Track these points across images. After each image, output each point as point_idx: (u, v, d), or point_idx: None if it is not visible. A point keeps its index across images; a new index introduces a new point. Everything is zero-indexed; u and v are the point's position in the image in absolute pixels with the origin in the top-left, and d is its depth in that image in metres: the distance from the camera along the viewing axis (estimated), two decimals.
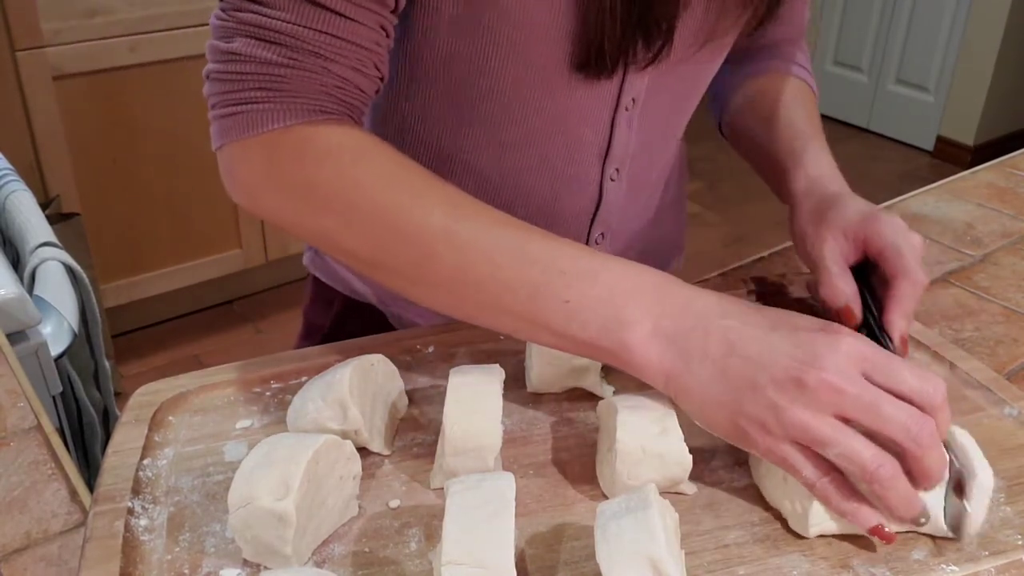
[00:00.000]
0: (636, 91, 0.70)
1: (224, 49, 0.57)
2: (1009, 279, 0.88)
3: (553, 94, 0.67)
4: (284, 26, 0.56)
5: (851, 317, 0.65)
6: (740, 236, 3.10)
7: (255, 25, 0.56)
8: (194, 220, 2.34)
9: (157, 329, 2.46)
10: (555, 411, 0.64)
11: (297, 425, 0.58)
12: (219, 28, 0.58)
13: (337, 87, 0.59)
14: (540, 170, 0.73)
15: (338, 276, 0.85)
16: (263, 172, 0.59)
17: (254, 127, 0.57)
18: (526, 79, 0.66)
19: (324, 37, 0.57)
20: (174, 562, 0.51)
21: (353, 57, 0.58)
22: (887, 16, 3.79)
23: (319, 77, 0.58)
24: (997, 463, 0.59)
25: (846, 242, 0.68)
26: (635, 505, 0.47)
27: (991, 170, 1.14)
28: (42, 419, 0.65)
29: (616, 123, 0.71)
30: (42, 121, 2.01)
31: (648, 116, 0.72)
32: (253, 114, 0.57)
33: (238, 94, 0.57)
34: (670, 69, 0.69)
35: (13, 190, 1.35)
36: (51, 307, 1.12)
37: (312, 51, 0.57)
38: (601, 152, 0.73)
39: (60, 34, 1.97)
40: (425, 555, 0.52)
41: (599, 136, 0.71)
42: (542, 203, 0.74)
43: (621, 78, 0.68)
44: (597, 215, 0.77)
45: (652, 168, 0.79)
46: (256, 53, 0.56)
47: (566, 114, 0.69)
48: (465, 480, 0.50)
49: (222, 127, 0.59)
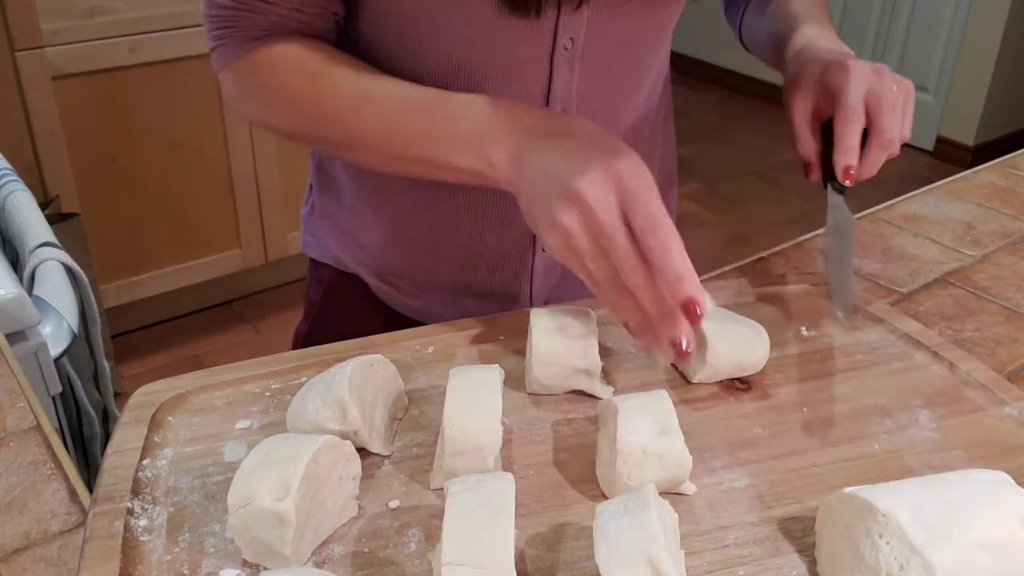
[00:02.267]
0: (573, 31, 0.70)
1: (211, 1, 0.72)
2: (1009, 279, 0.88)
3: (489, 36, 0.69)
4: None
5: (810, 170, 0.74)
6: (740, 236, 3.10)
7: None
8: (193, 220, 2.34)
9: (156, 329, 2.46)
10: (555, 411, 0.64)
11: (297, 425, 0.58)
12: None
13: (278, 22, 0.70)
14: None
15: (327, 251, 0.91)
16: (235, 90, 0.75)
17: (222, 59, 0.73)
18: (460, 21, 0.69)
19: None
20: (174, 562, 0.51)
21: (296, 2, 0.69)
22: (887, 16, 3.79)
23: (262, 17, 0.70)
24: (997, 463, 0.59)
25: (815, 97, 0.73)
26: (634, 505, 0.47)
27: (991, 170, 1.14)
28: (41, 419, 0.65)
29: (555, 64, 0.72)
30: (41, 121, 2.00)
31: (590, 60, 0.73)
32: (220, 49, 0.73)
33: (212, 32, 0.73)
34: (610, 12, 0.70)
35: (12, 190, 1.35)
36: (50, 307, 1.12)
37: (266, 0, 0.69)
38: (543, 94, 0.74)
39: (60, 34, 1.97)
40: (425, 555, 0.52)
41: (540, 78, 0.73)
42: None
43: (555, 18, 0.69)
44: None
45: (608, 121, 0.78)
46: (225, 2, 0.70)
47: (505, 56, 0.71)
48: (465, 480, 0.50)
49: (213, 59, 0.75)
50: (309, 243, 0.94)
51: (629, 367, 0.69)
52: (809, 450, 0.61)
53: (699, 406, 0.65)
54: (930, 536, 0.45)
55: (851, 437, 0.62)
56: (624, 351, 0.71)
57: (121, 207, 2.21)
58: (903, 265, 0.91)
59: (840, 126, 0.70)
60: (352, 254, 0.88)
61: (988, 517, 0.46)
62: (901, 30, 3.76)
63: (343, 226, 0.88)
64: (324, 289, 0.93)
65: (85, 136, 2.09)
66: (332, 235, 0.89)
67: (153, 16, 2.08)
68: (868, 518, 0.47)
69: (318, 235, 0.92)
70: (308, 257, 0.95)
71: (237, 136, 2.31)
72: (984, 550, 0.45)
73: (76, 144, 2.07)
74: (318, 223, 0.91)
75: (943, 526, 0.45)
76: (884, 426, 0.63)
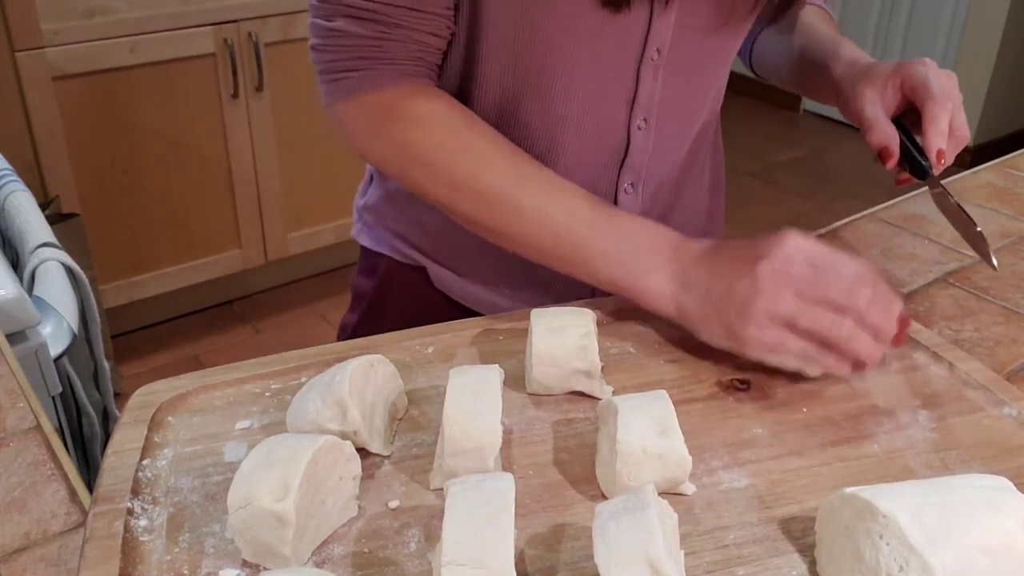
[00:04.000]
0: (660, 42, 0.75)
1: (327, 27, 0.71)
2: (1009, 279, 0.88)
3: (583, 39, 0.73)
4: (375, 5, 0.69)
5: (889, 155, 0.76)
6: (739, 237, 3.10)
7: (351, 6, 0.70)
8: (193, 220, 2.34)
9: (156, 329, 2.46)
10: (555, 411, 0.64)
11: (297, 425, 0.58)
12: (318, 8, 0.72)
13: (420, 51, 0.73)
14: (572, 116, 0.78)
15: (384, 240, 0.92)
16: (365, 128, 0.74)
17: (357, 89, 0.72)
18: (557, 24, 0.72)
19: (405, 12, 0.70)
20: (173, 563, 0.51)
21: (432, 24, 0.72)
22: (886, 16, 3.79)
23: (404, 45, 0.71)
24: (997, 463, 0.59)
25: (885, 91, 0.77)
26: (633, 505, 0.47)
27: (991, 170, 1.14)
28: (41, 419, 0.65)
29: (642, 72, 0.76)
30: (42, 121, 2.01)
31: (673, 69, 0.77)
32: (355, 79, 0.72)
33: (343, 63, 0.72)
34: (698, 30, 0.76)
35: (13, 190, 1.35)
36: (50, 307, 1.12)
37: (397, 24, 0.70)
38: (628, 99, 0.78)
39: (60, 35, 1.97)
40: (424, 555, 0.52)
41: (627, 83, 0.77)
42: (572, 148, 0.79)
43: (646, 28, 0.74)
44: (624, 163, 0.82)
45: (680, 127, 0.84)
46: (354, 30, 0.70)
47: (596, 57, 0.74)
48: (465, 480, 0.50)
49: (330, 90, 0.74)
50: (364, 233, 0.95)
51: (629, 367, 0.69)
52: (809, 450, 0.61)
53: (699, 406, 0.65)
54: (930, 538, 0.45)
55: (851, 437, 0.62)
56: (624, 351, 0.71)
57: (121, 207, 2.21)
58: (903, 265, 0.91)
59: (933, 110, 0.74)
60: (414, 238, 0.89)
61: (988, 520, 0.46)
62: (901, 30, 3.76)
63: (407, 210, 0.88)
64: (378, 280, 0.94)
65: (85, 136, 2.09)
66: (395, 220, 0.90)
67: (153, 16, 2.08)
68: (869, 519, 0.47)
69: (374, 225, 0.93)
70: (361, 247, 0.96)
71: (237, 136, 2.31)
72: (984, 554, 0.45)
73: (76, 144, 2.08)
74: (376, 212, 0.92)
75: (943, 528, 0.45)
76: (884, 426, 0.63)
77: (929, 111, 0.74)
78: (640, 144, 0.81)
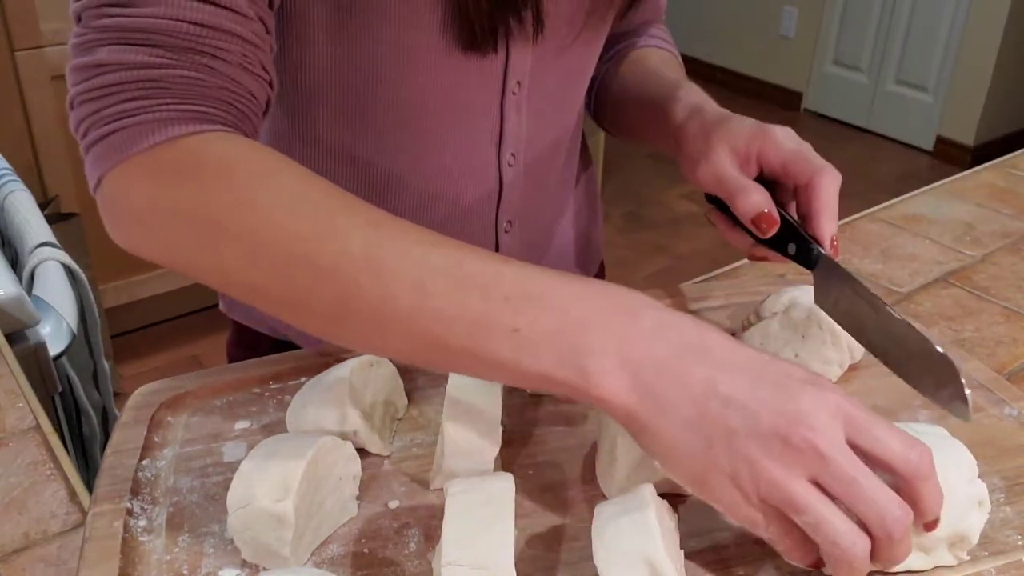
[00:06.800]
0: (520, 75, 0.69)
1: (86, 64, 0.50)
2: (1009, 279, 0.88)
3: (441, 81, 0.66)
4: (154, 23, 0.49)
5: (771, 221, 0.62)
6: None
7: (120, 29, 0.49)
8: None
9: (156, 329, 2.46)
10: (555, 411, 0.64)
11: (296, 426, 0.58)
12: (78, 45, 0.51)
13: (225, 89, 0.51)
14: (440, 163, 0.71)
15: (263, 318, 0.80)
16: (147, 198, 0.50)
17: (131, 144, 0.49)
18: (410, 69, 0.63)
19: (203, 30, 0.50)
20: (173, 563, 0.50)
21: (238, 52, 0.51)
22: (887, 16, 3.79)
23: (203, 78, 0.50)
24: (997, 463, 0.59)
25: (738, 159, 0.65)
26: (632, 506, 0.47)
27: (991, 170, 1.14)
28: (41, 419, 0.65)
29: (505, 107, 0.70)
30: (41, 121, 2.00)
31: (535, 100, 0.72)
32: (129, 130, 0.49)
33: (109, 109, 0.49)
34: (554, 53, 0.69)
35: (12, 190, 1.35)
36: (50, 307, 1.12)
37: (191, 47, 0.49)
38: (496, 138, 0.72)
39: (60, 34, 1.97)
40: (424, 556, 0.52)
41: (492, 122, 0.70)
42: (446, 198, 0.73)
43: (504, 62, 0.67)
44: (500, 203, 0.76)
45: (548, 156, 0.78)
46: (125, 58, 0.49)
47: (456, 102, 0.68)
48: (465, 481, 0.50)
49: (95, 156, 0.50)
50: (232, 305, 0.83)
51: None
52: None
53: None
54: None
55: None
56: None
57: None
58: (903, 265, 0.91)
59: (829, 187, 0.62)
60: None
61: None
62: (901, 30, 3.76)
63: None
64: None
65: None
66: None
67: None
68: None
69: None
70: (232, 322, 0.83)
71: None
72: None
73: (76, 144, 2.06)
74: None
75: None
76: None
77: (820, 187, 0.61)
78: (512, 180, 0.75)
